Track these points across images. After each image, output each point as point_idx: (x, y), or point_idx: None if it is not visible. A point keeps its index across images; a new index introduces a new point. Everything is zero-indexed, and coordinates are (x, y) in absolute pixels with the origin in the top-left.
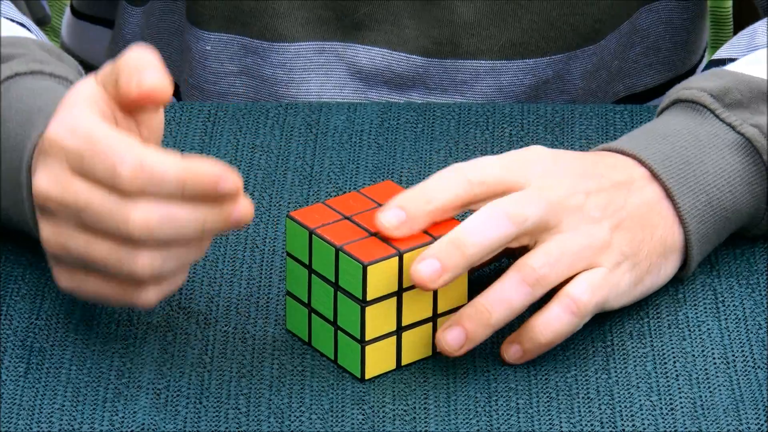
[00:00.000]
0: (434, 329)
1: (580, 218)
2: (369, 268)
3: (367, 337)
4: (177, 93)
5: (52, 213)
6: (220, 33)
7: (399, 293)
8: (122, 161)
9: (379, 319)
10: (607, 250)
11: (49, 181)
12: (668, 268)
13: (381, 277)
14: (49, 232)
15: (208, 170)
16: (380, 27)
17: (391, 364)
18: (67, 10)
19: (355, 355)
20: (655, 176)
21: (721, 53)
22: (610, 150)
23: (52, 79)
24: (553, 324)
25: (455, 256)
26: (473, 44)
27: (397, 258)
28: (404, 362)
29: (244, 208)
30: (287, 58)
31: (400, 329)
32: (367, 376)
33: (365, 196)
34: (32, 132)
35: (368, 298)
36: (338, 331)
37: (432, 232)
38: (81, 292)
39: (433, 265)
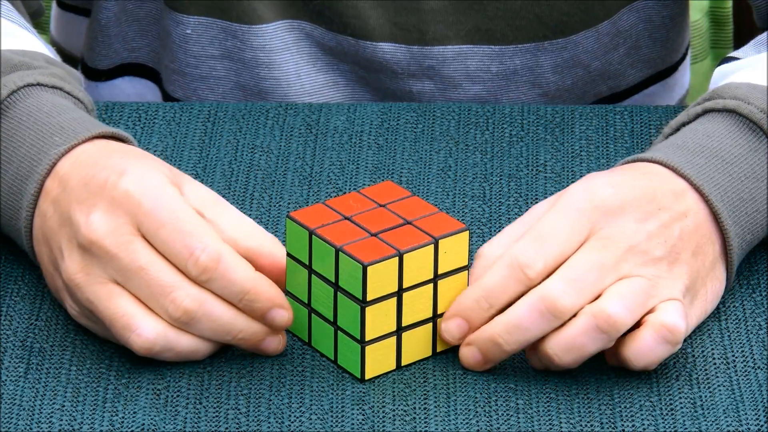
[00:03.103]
0: (434, 329)
1: (643, 263)
2: (369, 268)
3: (367, 338)
4: (158, 79)
5: (91, 255)
6: (200, 17)
7: (399, 293)
8: (203, 248)
9: (379, 320)
10: (671, 287)
11: (107, 228)
12: (718, 285)
13: (381, 278)
14: (78, 267)
15: (270, 294)
16: (341, 19)
17: (391, 365)
18: (54, 4)
19: (355, 355)
20: (711, 209)
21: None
22: (671, 168)
23: (70, 99)
24: (649, 354)
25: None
26: (439, 30)
27: (397, 258)
28: (404, 362)
29: (275, 342)
30: (265, 40)
31: (400, 329)
32: (367, 377)
33: (365, 196)
34: (50, 149)
35: (368, 299)
36: (338, 332)
37: (432, 233)
38: (87, 322)
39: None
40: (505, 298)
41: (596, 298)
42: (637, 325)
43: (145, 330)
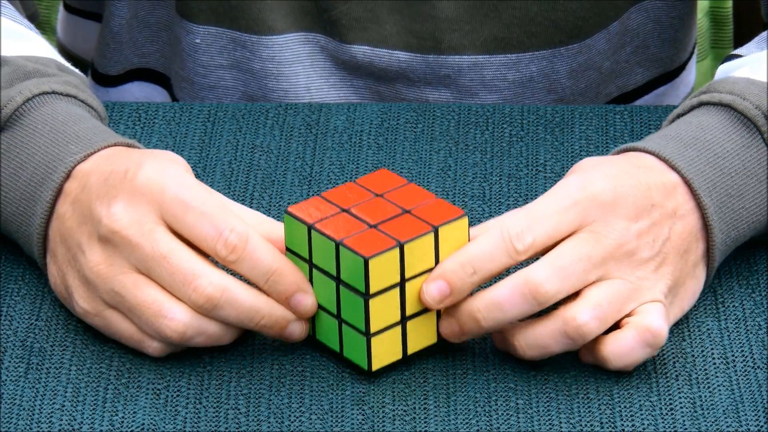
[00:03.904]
0: (438, 316)
1: (629, 263)
2: (371, 261)
3: (373, 330)
4: (168, 85)
5: (113, 245)
6: (209, 26)
7: (402, 284)
8: (231, 230)
9: (383, 311)
10: (653, 288)
11: (130, 218)
12: (696, 285)
13: (383, 270)
14: (100, 259)
15: (296, 277)
16: (358, 25)
17: (397, 354)
18: (61, 7)
19: (360, 347)
20: (699, 204)
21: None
22: (663, 160)
23: (84, 107)
24: (627, 357)
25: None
26: (455, 39)
27: (398, 249)
28: (410, 351)
29: (299, 329)
30: (275, 51)
31: (404, 319)
32: (374, 368)
33: (361, 186)
34: (66, 157)
35: (371, 291)
36: (342, 324)
37: (431, 221)
38: (95, 319)
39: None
40: (490, 267)
41: (578, 292)
42: (617, 324)
43: (177, 314)
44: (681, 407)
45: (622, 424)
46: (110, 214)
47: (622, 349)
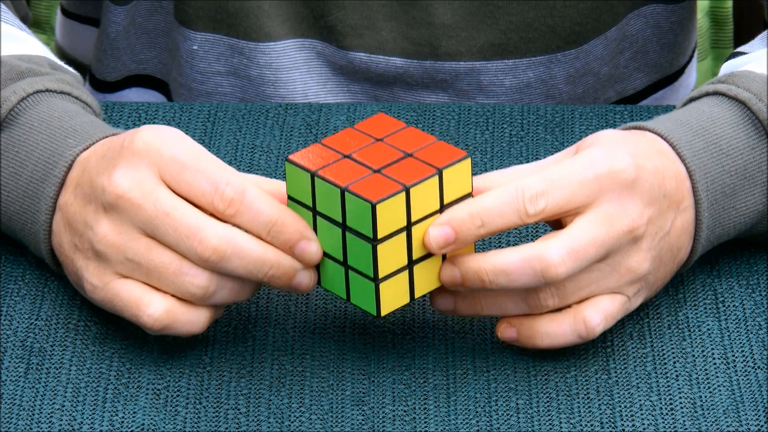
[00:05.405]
0: (443, 259)
1: (628, 250)
2: (378, 206)
3: (381, 275)
4: (167, 91)
5: (119, 211)
6: (207, 33)
7: (408, 228)
8: (227, 183)
9: (390, 256)
10: (636, 282)
11: (131, 181)
12: (668, 278)
13: (390, 214)
14: (108, 230)
15: (298, 226)
16: (355, 32)
17: (405, 299)
18: (58, 10)
19: (369, 293)
20: (696, 200)
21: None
22: (671, 144)
23: (79, 104)
24: (556, 339)
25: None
26: (452, 45)
27: (404, 193)
28: (417, 295)
29: (307, 278)
30: (272, 58)
31: (411, 263)
32: (382, 314)
33: (360, 131)
34: (66, 150)
35: (379, 236)
36: (349, 271)
37: (435, 164)
38: (102, 293)
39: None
40: (498, 222)
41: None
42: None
43: (196, 269)
44: (681, 407)
45: (622, 424)
46: (111, 181)
47: (555, 331)
